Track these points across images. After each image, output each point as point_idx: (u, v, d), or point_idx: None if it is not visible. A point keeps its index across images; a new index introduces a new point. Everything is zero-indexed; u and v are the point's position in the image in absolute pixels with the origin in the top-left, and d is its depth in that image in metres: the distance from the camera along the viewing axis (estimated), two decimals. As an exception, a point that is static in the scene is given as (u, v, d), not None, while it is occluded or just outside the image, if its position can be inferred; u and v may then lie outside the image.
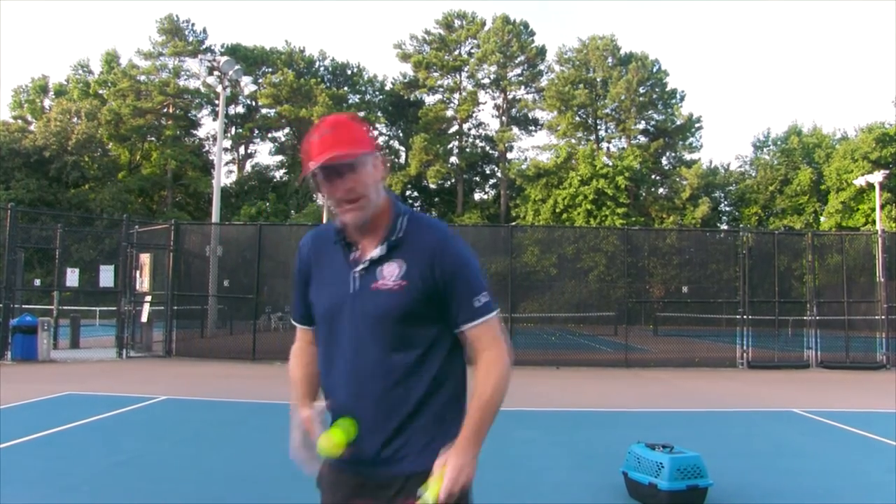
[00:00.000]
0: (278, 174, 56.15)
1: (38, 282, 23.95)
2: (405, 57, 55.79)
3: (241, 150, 57.21)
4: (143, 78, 51.65)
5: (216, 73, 24.56)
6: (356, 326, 1.75)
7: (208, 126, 56.28)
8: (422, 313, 1.74)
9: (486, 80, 55.38)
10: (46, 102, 52.62)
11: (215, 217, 22.83)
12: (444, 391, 1.78)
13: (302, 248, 1.92)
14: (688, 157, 51.74)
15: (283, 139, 57.56)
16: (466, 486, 1.68)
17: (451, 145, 55.05)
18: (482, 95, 55.64)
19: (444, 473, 1.64)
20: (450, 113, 54.81)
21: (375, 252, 1.76)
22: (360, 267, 1.77)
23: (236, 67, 24.92)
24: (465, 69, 54.85)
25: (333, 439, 1.70)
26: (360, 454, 1.74)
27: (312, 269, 1.88)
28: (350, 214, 1.74)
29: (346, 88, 56.07)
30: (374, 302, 1.73)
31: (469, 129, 56.81)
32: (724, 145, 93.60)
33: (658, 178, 50.70)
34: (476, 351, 1.78)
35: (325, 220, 38.20)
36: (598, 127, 53.74)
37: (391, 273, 1.74)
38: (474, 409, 1.73)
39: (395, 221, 1.78)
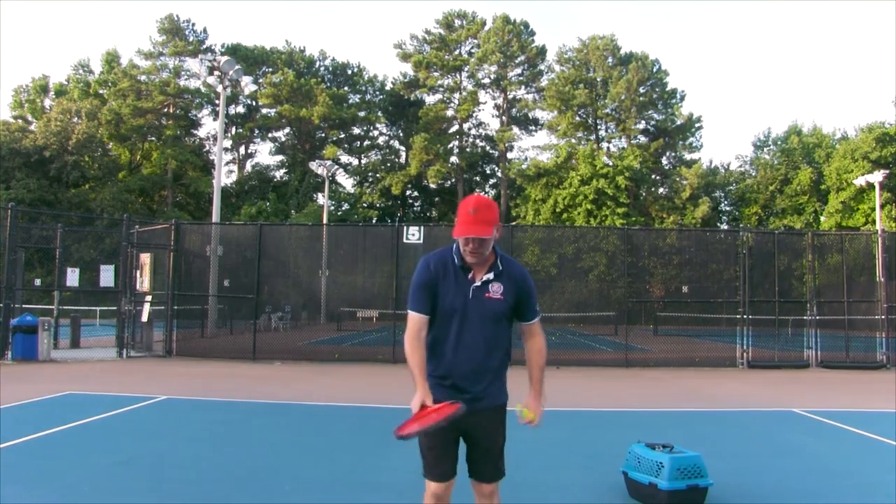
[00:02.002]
0: (278, 174, 56.19)
1: (38, 282, 23.96)
2: (405, 57, 55.78)
3: (242, 149, 57.23)
4: (143, 78, 51.67)
5: (216, 72, 24.55)
6: (470, 320, 2.93)
7: (208, 126, 56.38)
8: (507, 314, 3.03)
9: (487, 80, 55.41)
10: (47, 102, 52.64)
11: (215, 217, 22.83)
12: (505, 358, 3.07)
13: (429, 264, 2.99)
14: (688, 156, 51.78)
15: (283, 139, 57.61)
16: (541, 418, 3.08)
17: (451, 145, 55.07)
18: (482, 95, 55.70)
19: (530, 409, 3.06)
20: (450, 113, 54.81)
21: (487, 276, 2.97)
22: (477, 284, 2.96)
23: (236, 67, 24.92)
24: (466, 69, 54.85)
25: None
26: (470, 395, 2.93)
27: (438, 279, 2.95)
28: (472, 257, 2.92)
29: (346, 88, 56.08)
30: (486, 306, 2.95)
31: (469, 129, 56.84)
32: (724, 145, 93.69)
33: (658, 177, 50.70)
34: (533, 335, 3.13)
35: (324, 220, 38.17)
36: (599, 127, 53.75)
37: (496, 290, 2.97)
38: (539, 373, 3.13)
39: (497, 260, 3.00)
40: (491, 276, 2.95)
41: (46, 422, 7.10)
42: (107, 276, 15.82)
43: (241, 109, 55.27)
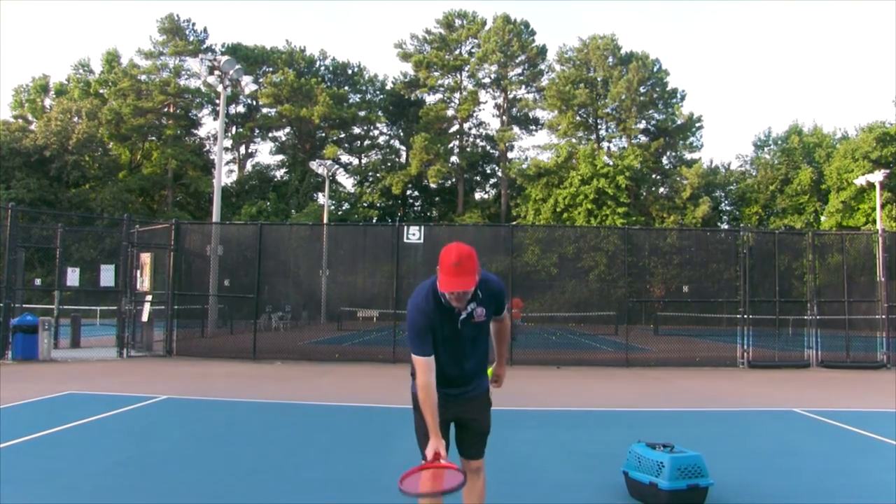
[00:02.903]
0: (279, 174, 56.19)
1: (38, 281, 23.97)
2: (406, 56, 55.77)
3: (242, 149, 57.23)
4: (143, 77, 51.66)
5: (217, 72, 24.54)
6: (462, 340, 3.32)
7: (209, 126, 56.40)
8: (489, 323, 3.46)
9: (487, 80, 55.40)
10: (47, 102, 52.64)
11: (216, 216, 22.84)
12: (488, 350, 3.49)
13: (424, 312, 3.22)
14: (688, 156, 51.75)
15: (283, 139, 57.61)
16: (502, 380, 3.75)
17: (451, 145, 55.06)
18: (483, 95, 55.68)
19: (497, 375, 3.71)
20: (450, 112, 54.80)
21: (471, 306, 3.28)
22: (463, 316, 3.28)
23: (237, 67, 24.92)
24: (466, 69, 54.83)
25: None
26: (460, 390, 3.40)
27: (435, 323, 3.24)
28: (458, 303, 3.19)
29: (346, 88, 56.07)
30: (474, 327, 3.33)
31: (469, 129, 56.84)
32: (724, 145, 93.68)
33: (658, 177, 50.68)
34: (501, 319, 3.56)
35: (325, 220, 38.19)
36: (599, 126, 53.73)
37: (480, 313, 3.32)
38: (503, 346, 3.73)
39: (476, 290, 3.24)
40: (473, 305, 3.28)
41: (46, 422, 7.10)
42: (107, 275, 15.82)
43: (241, 109, 55.28)
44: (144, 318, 15.48)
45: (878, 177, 32.78)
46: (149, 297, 15.44)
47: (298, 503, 4.65)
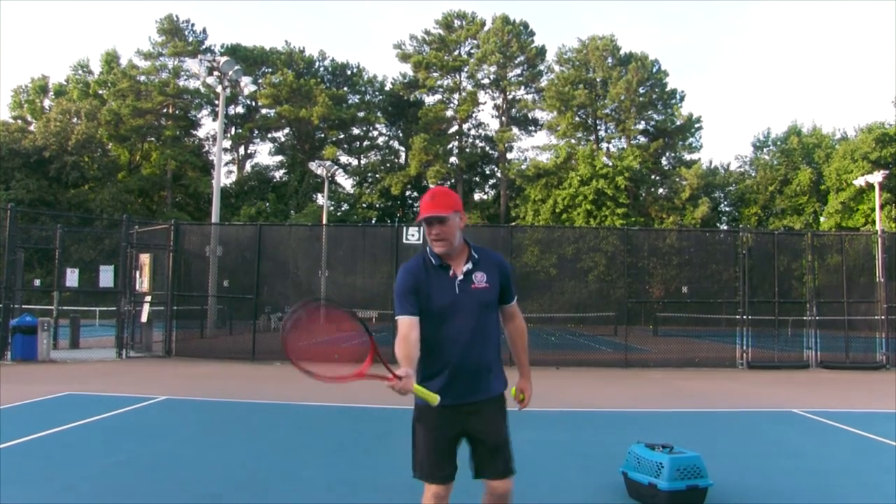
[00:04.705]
0: (278, 174, 56.15)
1: (37, 282, 23.93)
2: (405, 57, 55.77)
3: (241, 150, 57.21)
4: (142, 78, 51.64)
5: (216, 73, 24.53)
6: (464, 312, 2.92)
7: (208, 126, 56.30)
8: (494, 300, 3.04)
9: (486, 81, 55.39)
10: (46, 102, 52.61)
11: (215, 217, 22.84)
12: (498, 342, 3.06)
13: (409, 270, 2.97)
14: (688, 157, 51.76)
15: (282, 139, 57.58)
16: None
17: (450, 145, 55.05)
18: (482, 96, 55.67)
19: (521, 390, 3.24)
20: (450, 113, 54.80)
21: (466, 267, 2.98)
22: (460, 277, 2.96)
23: (236, 67, 24.93)
24: (465, 69, 54.84)
25: (428, 395, 2.72)
26: (464, 389, 2.95)
27: (421, 283, 2.92)
28: (438, 245, 2.92)
29: (345, 88, 56.06)
30: (475, 297, 2.96)
31: (469, 130, 56.83)
32: (724, 145, 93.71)
33: (658, 178, 50.69)
34: (514, 317, 3.21)
35: (324, 220, 38.16)
36: (598, 127, 53.74)
37: (480, 279, 2.98)
38: (525, 354, 3.28)
39: (471, 251, 3.02)
40: (469, 265, 2.97)
41: (46, 422, 7.09)
42: (106, 276, 15.82)
43: (240, 110, 55.25)
44: (144, 318, 15.48)
45: (877, 177, 32.81)
46: (148, 298, 15.44)
47: (298, 503, 4.65)
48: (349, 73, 57.11)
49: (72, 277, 16.34)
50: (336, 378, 2.66)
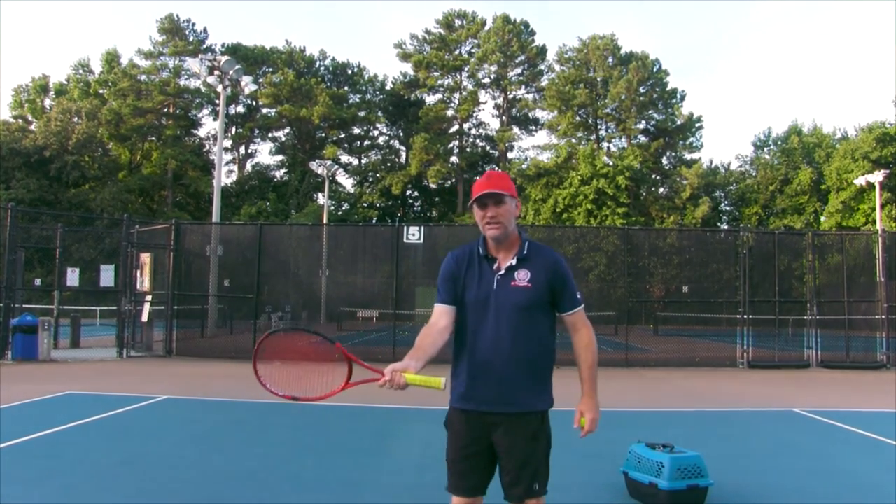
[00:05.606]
0: (279, 174, 56.18)
1: (38, 281, 23.93)
2: (405, 57, 55.78)
3: (242, 149, 57.24)
4: (143, 77, 51.67)
5: (216, 72, 24.52)
6: (498, 310, 2.65)
7: (208, 126, 56.36)
8: (538, 304, 2.69)
9: (487, 80, 55.41)
10: (47, 102, 52.64)
11: (216, 217, 22.83)
12: (542, 355, 2.77)
13: (456, 258, 2.77)
14: (688, 156, 51.76)
15: (283, 139, 57.61)
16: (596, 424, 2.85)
17: (451, 145, 55.07)
18: (482, 95, 55.70)
19: (582, 412, 2.89)
20: (450, 113, 54.81)
21: (510, 262, 2.69)
22: (501, 272, 2.69)
23: (237, 67, 24.91)
24: (466, 69, 54.84)
25: (429, 381, 2.46)
26: (493, 394, 2.65)
27: (463, 271, 2.73)
28: (492, 228, 2.66)
29: (346, 88, 56.07)
30: (512, 295, 2.66)
31: (469, 129, 56.84)
32: (724, 145, 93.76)
33: (658, 177, 50.68)
34: (576, 329, 2.82)
35: (324, 220, 38.14)
36: (599, 127, 53.73)
37: (523, 277, 2.67)
38: (589, 373, 2.90)
39: (522, 245, 2.73)
40: (514, 261, 2.68)
41: (46, 422, 7.09)
42: (107, 276, 15.82)
43: (241, 109, 55.27)
44: (144, 318, 15.48)
45: (877, 177, 32.80)
46: (148, 298, 15.44)
47: (298, 503, 4.65)
48: (350, 72, 57.12)
49: (72, 277, 16.34)
50: (322, 396, 2.75)
